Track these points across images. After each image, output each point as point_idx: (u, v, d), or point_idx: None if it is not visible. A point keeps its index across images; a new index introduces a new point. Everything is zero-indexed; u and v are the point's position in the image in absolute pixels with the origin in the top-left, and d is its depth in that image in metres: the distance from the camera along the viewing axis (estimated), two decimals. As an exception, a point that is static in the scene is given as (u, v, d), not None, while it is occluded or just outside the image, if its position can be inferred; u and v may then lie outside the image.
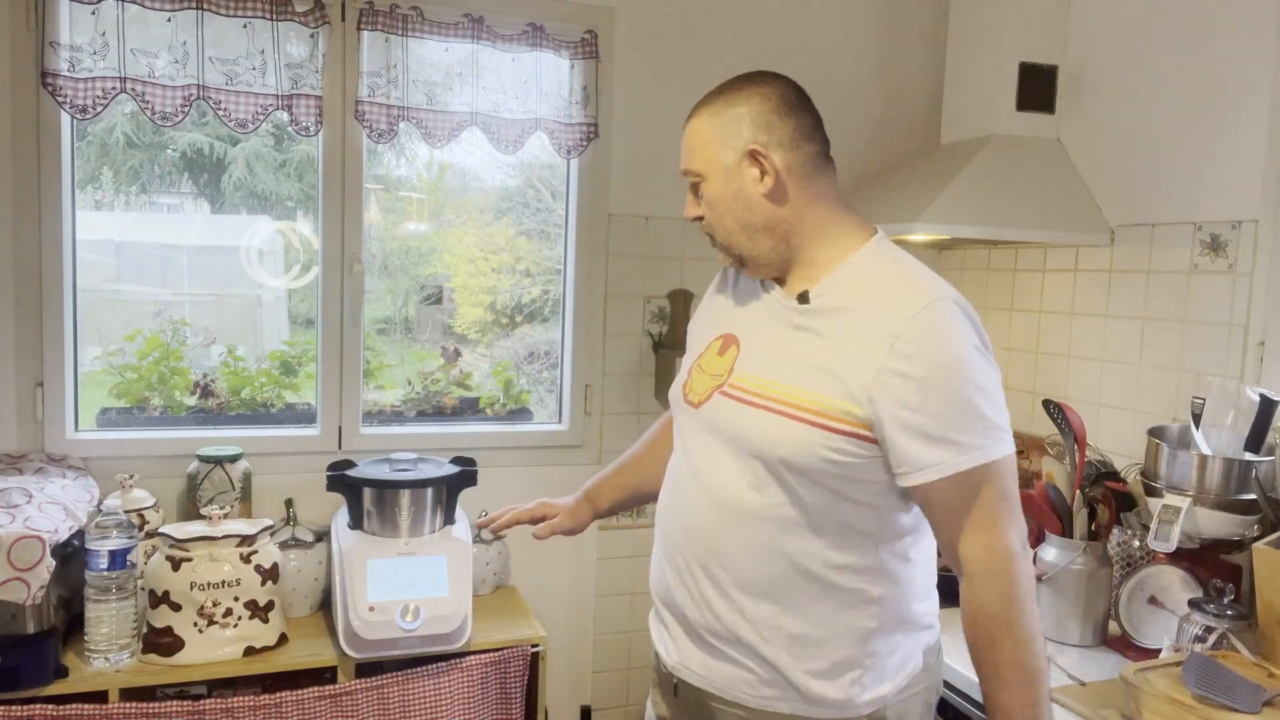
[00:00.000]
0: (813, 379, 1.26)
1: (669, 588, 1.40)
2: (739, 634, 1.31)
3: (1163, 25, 2.01)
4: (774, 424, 1.27)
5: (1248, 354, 1.81)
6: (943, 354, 1.22)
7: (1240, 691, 1.41)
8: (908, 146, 2.62)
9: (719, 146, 1.33)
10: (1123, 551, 1.88)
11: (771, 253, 1.34)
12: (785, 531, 1.28)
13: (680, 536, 1.38)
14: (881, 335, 1.22)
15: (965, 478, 1.21)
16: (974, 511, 1.22)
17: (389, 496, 1.93)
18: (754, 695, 1.32)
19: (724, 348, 1.39)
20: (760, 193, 1.31)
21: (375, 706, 1.85)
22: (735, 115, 1.33)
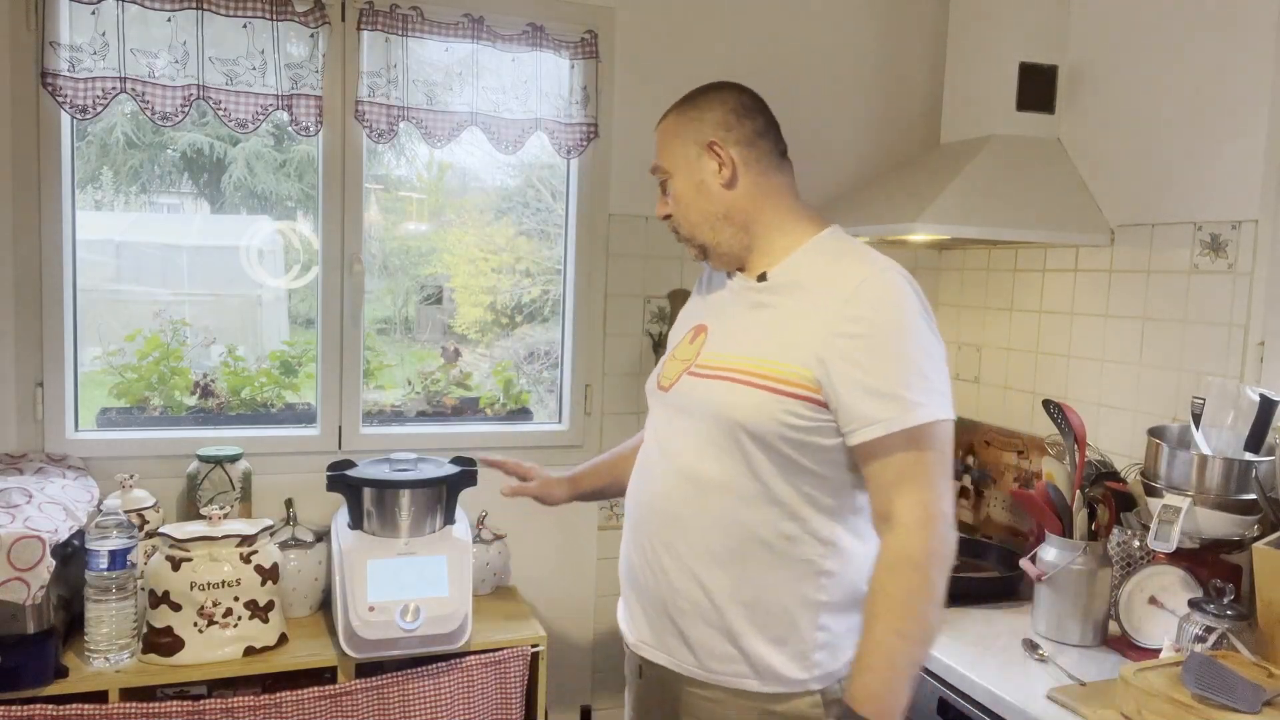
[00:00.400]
0: (768, 348, 1.35)
1: (632, 566, 1.47)
2: (696, 603, 1.37)
3: (1163, 25, 2.01)
4: (732, 391, 1.35)
5: (1248, 354, 1.81)
6: (888, 315, 1.31)
7: (1240, 691, 1.41)
8: (908, 146, 2.62)
9: (683, 144, 1.46)
10: (1123, 551, 1.88)
11: (732, 241, 1.45)
12: (743, 501, 1.34)
13: (644, 513, 1.46)
14: (832, 302, 1.32)
15: (909, 435, 1.26)
16: (915, 470, 1.27)
17: (389, 496, 1.93)
18: (708, 670, 1.37)
19: (694, 336, 1.50)
20: (719, 183, 1.44)
21: (375, 706, 1.85)
22: (697, 117, 1.46)
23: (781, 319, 1.37)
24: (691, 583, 1.37)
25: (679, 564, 1.38)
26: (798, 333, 1.33)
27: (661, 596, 1.41)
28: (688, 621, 1.38)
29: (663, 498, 1.42)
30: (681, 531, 1.39)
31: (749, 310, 1.43)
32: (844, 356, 1.28)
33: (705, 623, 1.37)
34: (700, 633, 1.37)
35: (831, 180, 2.57)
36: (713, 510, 1.36)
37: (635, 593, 1.47)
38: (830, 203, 2.55)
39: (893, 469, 1.28)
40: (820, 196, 2.56)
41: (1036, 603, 1.84)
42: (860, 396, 1.27)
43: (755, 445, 1.33)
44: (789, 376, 1.31)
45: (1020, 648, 1.76)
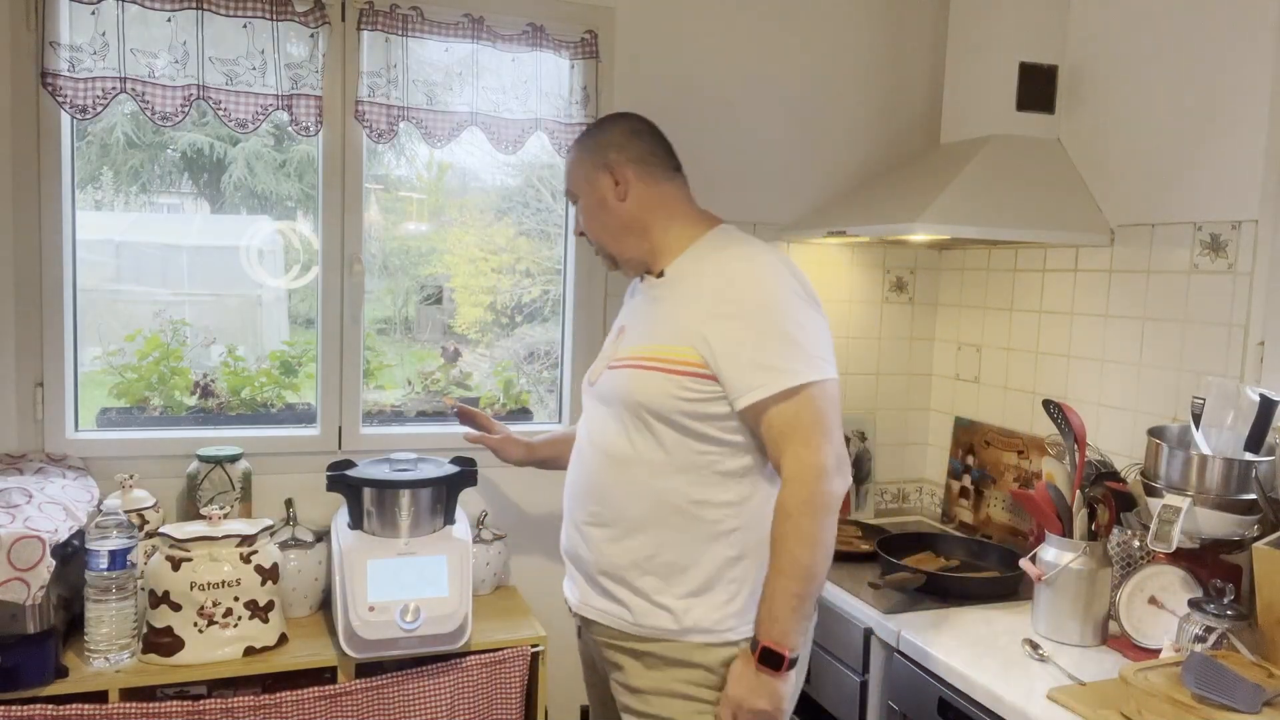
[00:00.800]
0: (661, 334, 1.55)
1: (568, 540, 1.67)
2: (621, 566, 1.56)
3: (1163, 25, 2.01)
4: (635, 377, 1.55)
5: (1248, 354, 1.81)
6: (759, 295, 1.49)
7: (1240, 691, 1.41)
8: (908, 146, 2.62)
9: (584, 168, 1.67)
10: (1123, 551, 1.88)
11: (635, 248, 1.65)
12: (653, 473, 1.53)
13: (574, 492, 1.66)
14: (712, 288, 1.52)
15: (786, 397, 1.43)
16: (792, 429, 1.44)
17: (389, 496, 1.93)
18: (638, 624, 1.55)
19: (617, 336, 1.70)
20: (616, 198, 1.63)
21: (375, 706, 1.85)
22: (595, 143, 1.67)
23: (672, 308, 1.57)
24: (616, 548, 1.57)
25: (604, 533, 1.58)
26: (684, 318, 1.52)
27: (593, 563, 1.60)
28: (615, 583, 1.57)
29: (587, 476, 1.63)
30: (604, 504, 1.58)
31: (651, 305, 1.63)
32: (723, 335, 1.47)
33: (631, 582, 1.55)
34: (627, 592, 1.56)
35: (831, 180, 2.57)
36: (629, 483, 1.55)
37: (572, 563, 1.67)
38: (830, 203, 2.55)
39: (775, 429, 1.45)
40: (820, 196, 2.57)
41: (1036, 603, 1.84)
42: (740, 368, 1.45)
43: (658, 421, 1.52)
44: (677, 356, 1.50)
45: (1020, 648, 1.76)
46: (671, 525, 1.53)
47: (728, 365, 1.46)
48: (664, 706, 1.54)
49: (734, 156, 2.48)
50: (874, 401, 2.70)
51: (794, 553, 1.43)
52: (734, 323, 1.47)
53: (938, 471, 2.69)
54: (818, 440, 1.43)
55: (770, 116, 2.51)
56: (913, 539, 2.30)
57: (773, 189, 2.53)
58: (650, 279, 1.65)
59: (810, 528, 1.42)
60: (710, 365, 1.48)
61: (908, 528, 2.54)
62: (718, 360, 1.47)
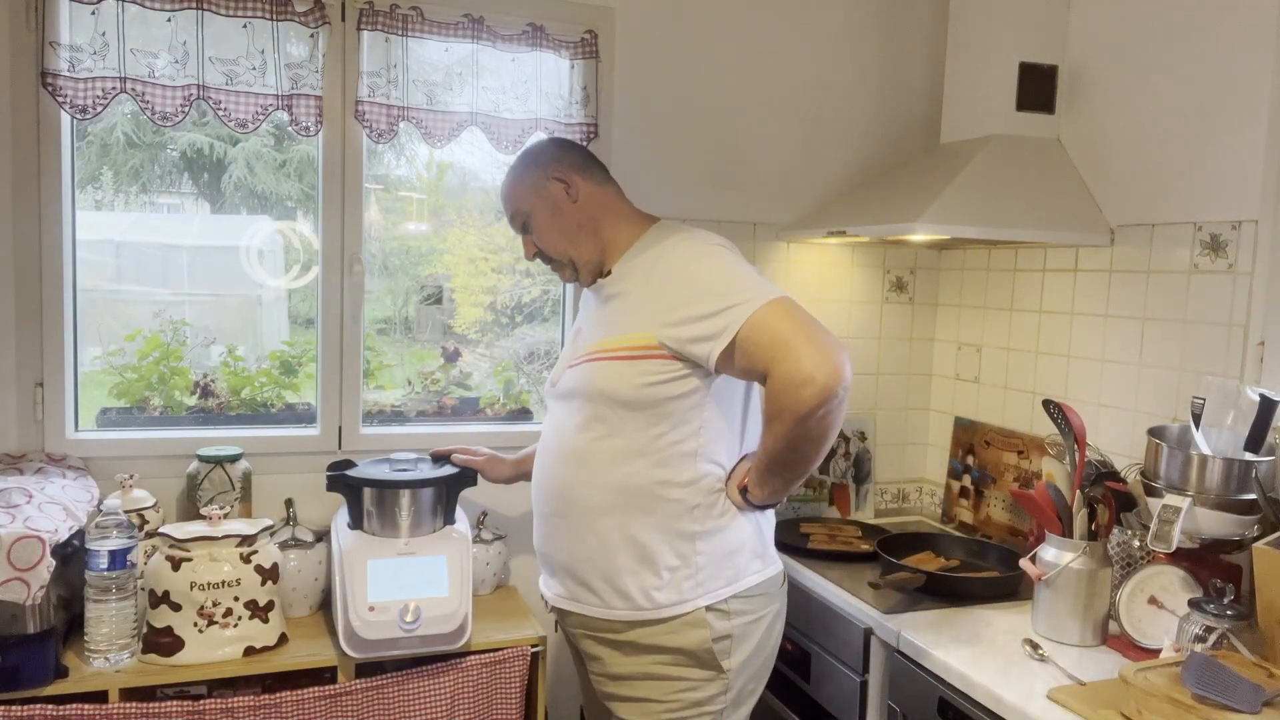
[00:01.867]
0: (617, 326, 1.63)
1: (538, 536, 1.75)
2: (589, 556, 1.63)
3: (1163, 25, 2.01)
4: (596, 368, 1.62)
5: (1248, 354, 1.81)
6: (687, 260, 1.59)
7: (1240, 691, 1.41)
8: (908, 146, 2.62)
9: (529, 186, 1.74)
10: (1123, 551, 1.88)
11: (591, 249, 1.73)
12: (614, 460, 1.61)
13: (541, 491, 1.73)
14: (653, 274, 1.62)
15: (750, 328, 1.48)
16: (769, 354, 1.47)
17: (389, 496, 1.93)
18: (610, 608, 1.63)
19: (575, 338, 1.78)
20: (569, 200, 1.72)
21: (375, 706, 1.85)
22: (534, 162, 1.76)
23: (623, 302, 1.65)
24: (581, 540, 1.64)
25: (570, 526, 1.66)
26: (635, 308, 1.61)
27: (563, 557, 1.68)
28: (586, 572, 1.64)
29: (551, 474, 1.70)
30: (568, 498, 1.66)
31: (602, 304, 1.71)
32: (670, 309, 1.55)
33: (601, 570, 1.63)
34: (598, 579, 1.63)
35: (831, 180, 2.57)
36: (591, 473, 1.63)
37: (543, 558, 1.76)
38: (830, 203, 2.55)
39: (755, 363, 1.49)
40: (820, 196, 2.57)
41: (1036, 603, 1.84)
42: (698, 327, 1.52)
43: (621, 408, 1.59)
44: (634, 342, 1.58)
45: (1020, 648, 1.76)
46: (635, 509, 1.60)
47: (687, 332, 1.53)
48: (644, 689, 1.64)
49: (734, 156, 2.48)
50: (874, 401, 2.70)
51: (765, 439, 1.55)
52: (680, 294, 1.56)
53: (938, 471, 2.69)
54: (800, 351, 1.45)
55: (770, 116, 2.51)
56: (913, 539, 2.30)
57: (773, 189, 2.53)
58: (598, 282, 1.74)
59: (776, 426, 1.50)
60: (669, 345, 1.55)
61: (908, 528, 2.54)
62: (677, 334, 1.54)
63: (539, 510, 1.75)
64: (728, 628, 1.62)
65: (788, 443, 1.51)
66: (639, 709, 1.65)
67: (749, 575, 1.67)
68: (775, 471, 1.58)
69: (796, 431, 1.48)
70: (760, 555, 1.70)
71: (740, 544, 1.66)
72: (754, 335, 1.48)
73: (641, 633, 1.62)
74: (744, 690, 1.67)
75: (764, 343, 1.47)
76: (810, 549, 2.29)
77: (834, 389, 1.44)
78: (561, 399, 1.72)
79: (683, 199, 2.43)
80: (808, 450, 1.53)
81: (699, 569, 1.61)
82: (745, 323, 1.48)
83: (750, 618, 1.66)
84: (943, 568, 2.16)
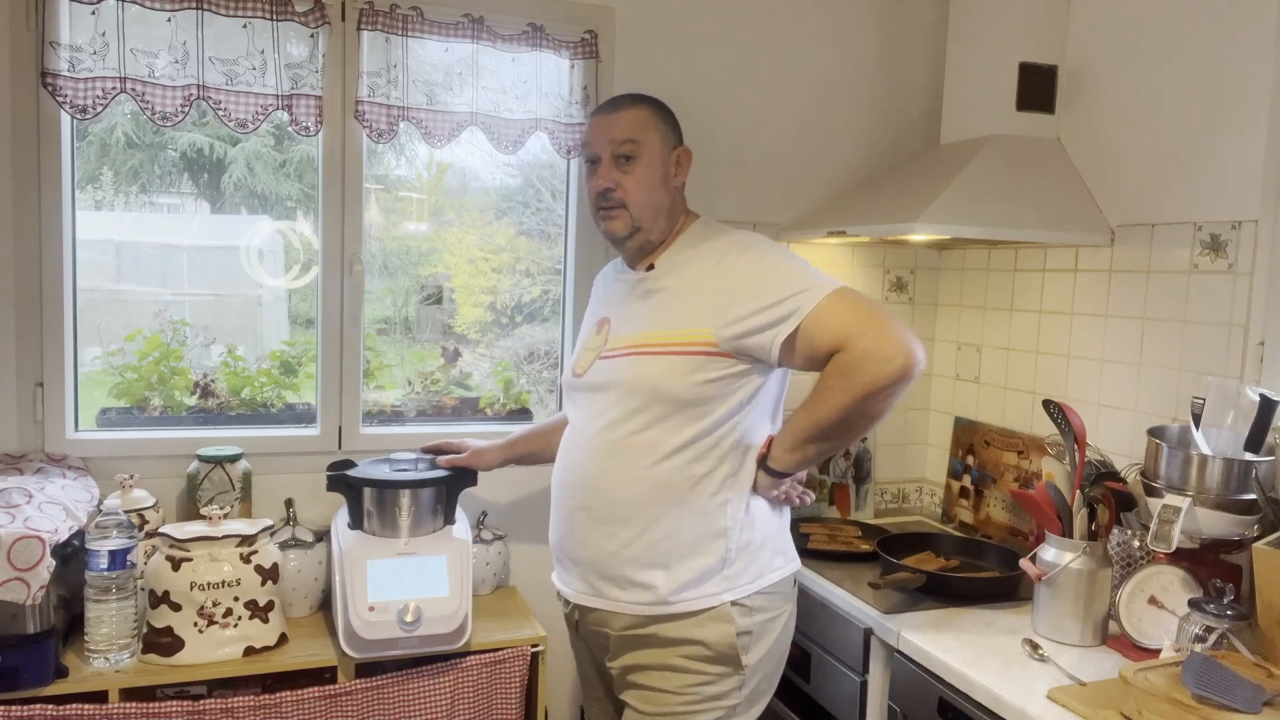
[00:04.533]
0: (665, 321, 1.60)
1: (562, 534, 1.71)
2: (617, 553, 1.60)
3: (1163, 25, 2.01)
4: (643, 363, 1.59)
5: (1248, 354, 1.81)
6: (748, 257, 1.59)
7: (1240, 691, 1.41)
8: (908, 146, 2.62)
9: (661, 137, 1.69)
10: (1123, 551, 1.88)
11: (660, 232, 1.70)
12: (651, 455, 1.58)
13: (566, 486, 1.69)
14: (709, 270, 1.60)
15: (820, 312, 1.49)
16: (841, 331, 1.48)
17: (389, 496, 1.93)
18: (636, 605, 1.61)
19: (599, 328, 1.74)
20: (676, 183, 1.71)
21: (375, 706, 1.85)
22: (671, 119, 1.74)
23: (672, 297, 1.63)
24: (611, 535, 1.61)
25: (599, 520, 1.62)
26: (690, 304, 1.59)
27: (588, 552, 1.64)
28: (613, 567, 1.61)
29: (580, 468, 1.66)
30: (600, 492, 1.62)
31: (642, 299, 1.68)
32: (729, 306, 1.54)
33: (629, 564, 1.60)
34: (625, 574, 1.61)
35: (831, 180, 2.57)
36: (626, 467, 1.60)
37: (567, 556, 1.71)
38: (830, 203, 2.55)
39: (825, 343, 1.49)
40: (820, 196, 2.57)
41: (1036, 603, 1.84)
42: (760, 318, 1.52)
43: (668, 403, 1.57)
44: (690, 338, 1.56)
45: (1020, 648, 1.76)
46: (670, 504, 1.59)
47: (748, 324, 1.52)
48: (659, 680, 1.62)
49: (734, 156, 2.48)
50: (874, 401, 2.69)
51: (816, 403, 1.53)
52: (741, 290, 1.55)
53: (938, 471, 2.69)
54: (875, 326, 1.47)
55: (770, 116, 2.51)
56: (913, 539, 2.30)
57: (773, 189, 2.52)
58: (633, 273, 1.72)
59: (840, 396, 1.49)
60: (728, 341, 1.54)
61: (908, 528, 2.54)
62: (738, 327, 1.53)
63: (562, 504, 1.71)
64: (750, 624, 1.62)
65: (843, 414, 1.50)
66: (653, 699, 1.63)
67: (772, 571, 1.67)
68: (816, 439, 1.56)
69: (859, 405, 1.48)
70: (782, 551, 1.71)
71: (767, 538, 1.66)
72: (824, 319, 1.49)
73: (665, 626, 1.61)
74: (758, 689, 1.67)
75: (837, 323, 1.48)
76: (810, 549, 2.29)
77: (911, 369, 1.46)
78: (592, 391, 1.68)
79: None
80: (859, 426, 1.53)
81: (728, 564, 1.61)
82: (815, 308, 1.49)
83: (770, 614, 1.66)
84: (943, 568, 2.16)
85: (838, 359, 1.49)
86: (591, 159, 1.72)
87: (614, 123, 1.69)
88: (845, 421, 1.52)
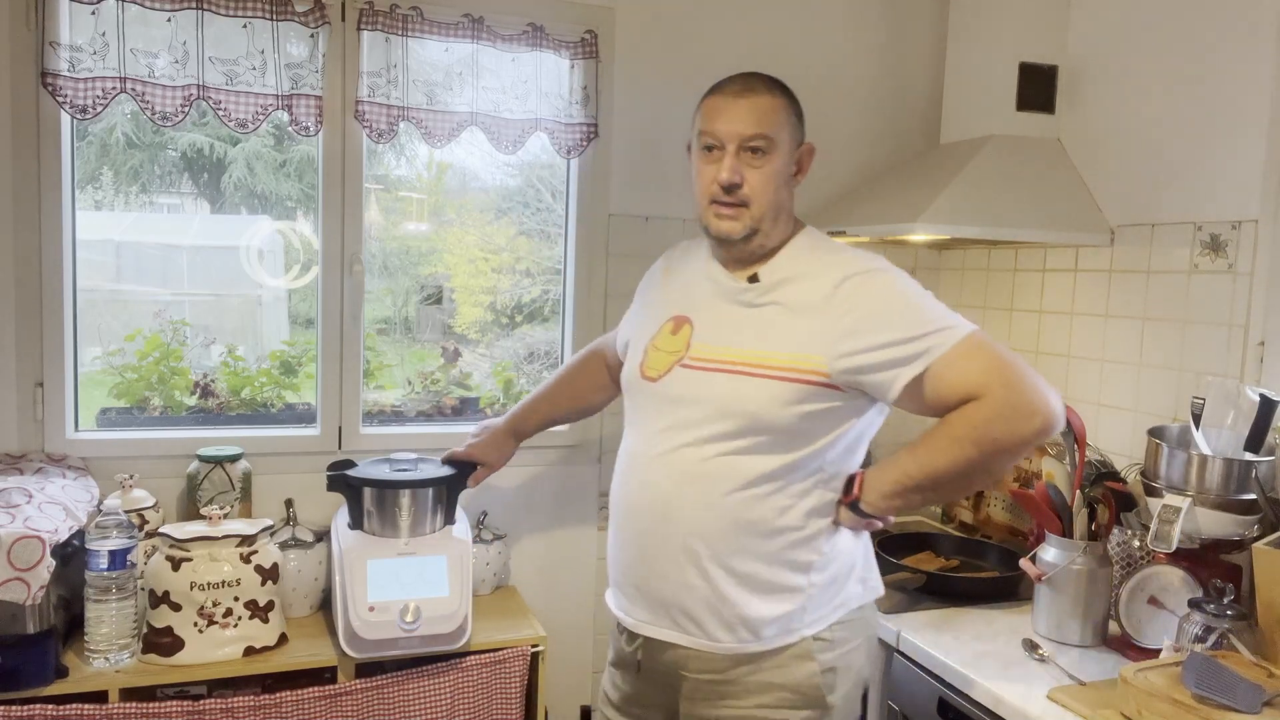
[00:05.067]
0: (773, 340, 1.44)
1: (629, 563, 1.55)
2: (694, 585, 1.45)
3: (1163, 25, 2.01)
4: (741, 383, 1.43)
5: (1248, 354, 1.81)
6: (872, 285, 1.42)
7: (1240, 691, 1.41)
8: (908, 146, 2.62)
9: (793, 127, 1.53)
10: (1123, 551, 1.88)
11: (773, 236, 1.52)
12: (737, 483, 1.43)
13: (634, 510, 1.53)
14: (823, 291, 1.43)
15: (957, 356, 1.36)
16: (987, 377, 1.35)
17: (389, 496, 1.93)
18: (714, 640, 1.46)
19: (676, 328, 1.55)
20: (795, 175, 1.55)
21: (375, 706, 1.85)
22: (800, 111, 1.56)
23: (781, 315, 1.46)
24: (684, 567, 1.46)
25: (674, 551, 1.46)
26: (803, 325, 1.42)
27: (660, 583, 1.49)
28: (688, 600, 1.46)
29: (653, 489, 1.49)
30: (676, 520, 1.46)
31: (740, 308, 1.51)
32: (848, 335, 1.39)
33: (706, 599, 1.45)
34: (702, 608, 1.46)
35: (831, 180, 2.57)
36: (705, 493, 1.44)
37: (633, 585, 1.54)
38: (830, 203, 2.55)
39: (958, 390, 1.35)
40: (820, 196, 2.56)
41: (1036, 603, 1.84)
42: (884, 354, 1.37)
43: (762, 432, 1.41)
44: (800, 364, 1.40)
45: (1020, 648, 1.76)
46: (753, 535, 1.44)
47: (870, 359, 1.38)
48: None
49: (734, 156, 2.48)
50: (874, 401, 2.69)
51: (934, 450, 1.39)
52: (864, 320, 1.39)
53: (938, 471, 2.69)
54: (1018, 379, 1.35)
55: (770, 116, 2.51)
56: (913, 539, 2.30)
57: (773, 189, 2.52)
58: (730, 276, 1.53)
59: (968, 449, 1.36)
60: (841, 375, 1.40)
61: (908, 528, 2.54)
62: (856, 360, 1.39)
63: (628, 526, 1.54)
64: (831, 659, 1.49)
65: (965, 467, 1.37)
66: None
67: (851, 600, 1.54)
68: (924, 489, 1.43)
69: (985, 460, 1.36)
70: (863, 579, 1.58)
71: (849, 568, 1.54)
72: (959, 364, 1.35)
73: (746, 670, 1.47)
74: None
75: (976, 369, 1.35)
76: (810, 549, 2.29)
77: (1052, 427, 1.34)
78: (674, 402, 1.49)
79: (683, 200, 2.43)
80: (975, 482, 1.44)
81: (810, 598, 1.48)
82: (948, 351, 1.36)
83: (849, 646, 1.53)
84: (943, 568, 2.16)
85: (970, 409, 1.35)
86: (711, 145, 1.50)
87: (748, 110, 1.48)
88: (964, 475, 1.39)
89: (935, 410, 1.40)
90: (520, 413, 1.98)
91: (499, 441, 1.97)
